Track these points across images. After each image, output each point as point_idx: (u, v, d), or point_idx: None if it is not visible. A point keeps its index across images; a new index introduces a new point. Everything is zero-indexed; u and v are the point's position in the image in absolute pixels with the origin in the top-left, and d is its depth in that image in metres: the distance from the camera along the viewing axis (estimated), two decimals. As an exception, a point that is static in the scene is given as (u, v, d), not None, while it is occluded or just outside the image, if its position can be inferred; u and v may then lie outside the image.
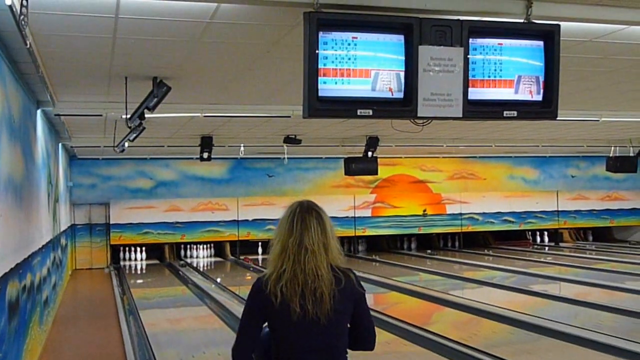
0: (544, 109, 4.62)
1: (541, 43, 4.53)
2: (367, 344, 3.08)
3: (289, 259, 2.87)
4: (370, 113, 4.19)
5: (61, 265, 13.25)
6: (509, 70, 4.51)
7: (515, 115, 4.54)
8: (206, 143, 13.56)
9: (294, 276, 2.84)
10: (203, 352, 8.38)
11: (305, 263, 2.85)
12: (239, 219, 19.67)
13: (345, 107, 4.19)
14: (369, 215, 20.80)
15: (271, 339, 2.95)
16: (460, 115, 4.32)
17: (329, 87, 4.11)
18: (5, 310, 5.43)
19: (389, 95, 4.24)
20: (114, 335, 9.32)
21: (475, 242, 21.66)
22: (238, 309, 11.01)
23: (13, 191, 6.14)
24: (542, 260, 18.06)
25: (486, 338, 8.78)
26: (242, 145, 14.73)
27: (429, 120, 4.65)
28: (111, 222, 18.74)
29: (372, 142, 14.39)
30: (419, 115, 4.26)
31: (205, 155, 13.82)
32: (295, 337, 2.89)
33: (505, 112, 4.52)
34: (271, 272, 2.91)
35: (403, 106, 4.27)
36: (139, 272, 18.31)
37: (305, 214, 2.92)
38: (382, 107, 4.25)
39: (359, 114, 4.18)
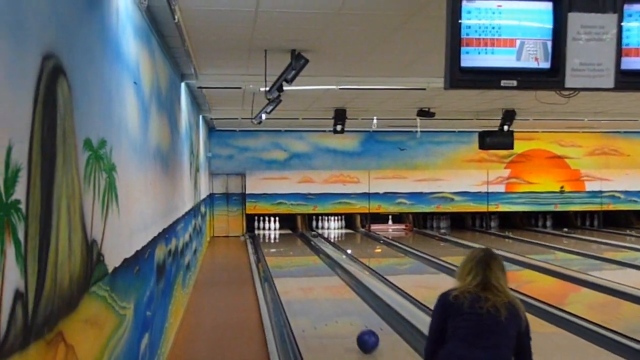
0: None
1: None
2: None
3: (477, 285, 3.41)
4: (515, 84, 4.06)
5: (201, 232, 13.87)
6: (667, 37, 4.22)
7: (673, 86, 4.25)
8: (340, 115, 13.67)
9: (476, 293, 3.38)
10: (335, 321, 8.53)
11: (490, 291, 3.38)
12: (370, 192, 19.77)
13: (488, 77, 4.07)
14: (503, 190, 20.32)
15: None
16: (612, 86, 4.10)
17: (471, 57, 4.01)
18: (154, 272, 5.76)
19: (534, 65, 4.08)
20: (250, 301, 9.67)
21: (616, 221, 20.67)
22: (369, 280, 11.13)
23: (161, 160, 6.46)
24: (690, 242, 16.97)
25: (629, 322, 8.39)
26: (374, 117, 14.74)
27: (576, 92, 4.44)
28: (247, 192, 19.37)
29: (509, 116, 14.00)
30: (566, 86, 4.08)
31: (339, 127, 13.94)
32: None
33: (661, 83, 4.25)
34: (456, 288, 3.46)
35: (549, 77, 4.09)
36: (272, 241, 18.85)
37: (490, 259, 3.52)
38: (527, 78, 4.10)
39: (502, 84, 4.05)
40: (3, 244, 2.12)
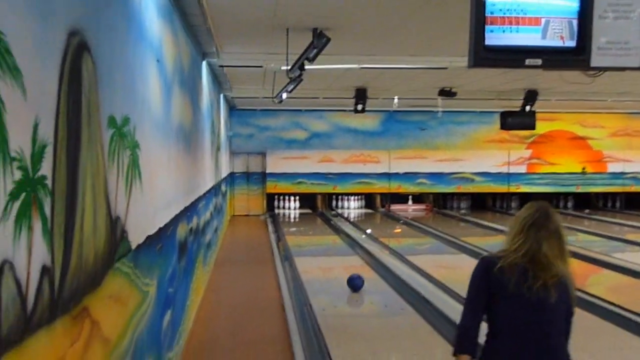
0: None
1: None
2: None
3: (526, 255, 3.07)
4: (540, 63, 4.01)
5: (221, 211, 13.93)
6: (696, 16, 4.15)
7: (702, 64, 4.18)
8: (361, 95, 13.62)
9: (524, 266, 3.05)
10: (356, 300, 8.55)
11: (539, 264, 3.05)
12: (390, 172, 19.73)
13: (513, 56, 4.03)
14: (524, 171, 20.20)
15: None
16: (639, 65, 4.04)
17: (496, 35, 3.97)
18: (176, 249, 5.80)
19: (560, 43, 4.03)
20: (270, 280, 9.72)
21: (638, 203, 20.46)
22: (388, 260, 11.13)
23: (183, 138, 6.48)
24: None
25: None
26: (395, 97, 14.67)
27: (602, 72, 4.40)
28: (267, 171, 19.42)
29: (531, 96, 13.88)
30: (592, 65, 4.03)
31: (360, 107, 13.90)
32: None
33: (690, 62, 4.18)
34: (502, 254, 3.11)
35: (575, 55, 4.05)
36: (292, 220, 18.90)
37: (546, 221, 3.11)
38: (552, 57, 4.06)
39: (527, 63, 4.01)
40: (30, 220, 2.14)
